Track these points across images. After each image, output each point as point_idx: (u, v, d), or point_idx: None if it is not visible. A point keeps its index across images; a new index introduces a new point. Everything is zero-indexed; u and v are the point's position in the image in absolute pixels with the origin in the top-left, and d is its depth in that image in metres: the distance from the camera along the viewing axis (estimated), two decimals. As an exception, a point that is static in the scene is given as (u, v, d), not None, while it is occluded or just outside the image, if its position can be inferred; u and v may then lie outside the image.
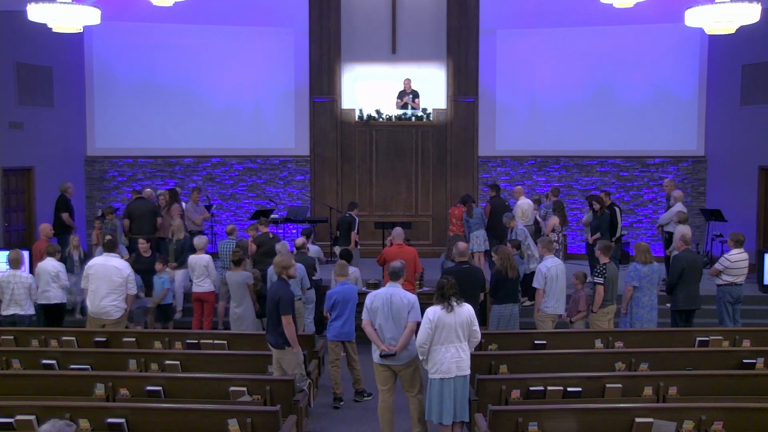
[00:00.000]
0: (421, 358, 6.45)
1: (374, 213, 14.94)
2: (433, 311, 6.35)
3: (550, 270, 8.94)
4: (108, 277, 8.75)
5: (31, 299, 9.24)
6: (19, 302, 9.14)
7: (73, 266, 10.68)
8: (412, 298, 6.76)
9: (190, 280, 10.57)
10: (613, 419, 5.71)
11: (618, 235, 11.54)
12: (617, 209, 11.66)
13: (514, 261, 8.98)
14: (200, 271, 10.04)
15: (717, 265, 9.71)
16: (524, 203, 12.38)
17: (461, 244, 8.62)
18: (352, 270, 9.79)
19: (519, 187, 13.24)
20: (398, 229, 10.08)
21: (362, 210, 15.00)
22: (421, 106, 14.98)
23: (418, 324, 6.51)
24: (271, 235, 11.06)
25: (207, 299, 10.13)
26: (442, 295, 6.38)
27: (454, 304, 6.35)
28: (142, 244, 10.47)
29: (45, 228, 10.79)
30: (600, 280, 8.85)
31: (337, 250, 11.58)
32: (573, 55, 14.68)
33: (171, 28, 14.56)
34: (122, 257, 9.59)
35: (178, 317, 10.66)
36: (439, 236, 14.81)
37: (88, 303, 8.89)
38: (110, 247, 9.07)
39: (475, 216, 11.83)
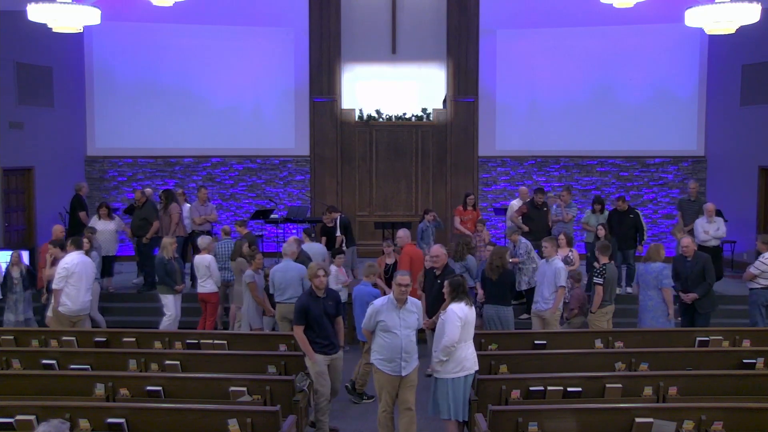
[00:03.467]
0: (444, 359, 6.41)
1: (374, 213, 14.95)
2: (461, 308, 6.43)
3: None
4: (89, 273, 9.13)
5: None
6: None
7: None
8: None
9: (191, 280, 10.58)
10: (613, 419, 5.71)
11: (646, 238, 11.37)
12: (638, 212, 11.56)
13: (501, 262, 8.72)
14: (203, 271, 10.04)
15: (752, 269, 9.38)
16: (513, 203, 12.39)
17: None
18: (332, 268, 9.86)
19: (524, 188, 13.03)
20: (405, 230, 10.16)
21: (362, 210, 15.05)
22: (422, 106, 15.01)
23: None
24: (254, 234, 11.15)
25: (209, 299, 10.11)
26: (464, 292, 6.55)
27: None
28: None
29: (57, 230, 10.66)
30: (599, 280, 8.85)
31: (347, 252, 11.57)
32: (573, 55, 14.69)
33: (171, 28, 14.57)
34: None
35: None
36: (439, 236, 14.79)
37: (67, 302, 8.93)
38: (79, 245, 9.23)
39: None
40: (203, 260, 10.06)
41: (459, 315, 6.38)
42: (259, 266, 9.58)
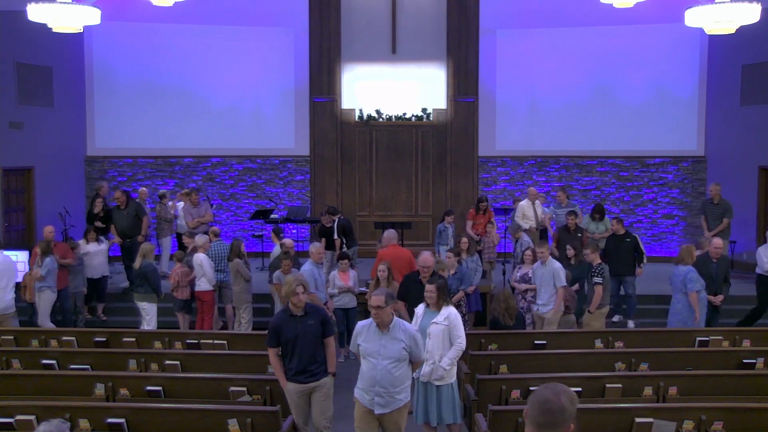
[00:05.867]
0: (455, 366, 6.40)
1: (374, 213, 14.95)
2: (456, 311, 6.48)
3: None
4: (12, 270, 9.10)
5: None
6: None
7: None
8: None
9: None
10: (613, 419, 5.71)
11: (645, 261, 10.71)
12: (636, 236, 10.79)
13: (507, 304, 8.41)
14: (198, 270, 10.06)
15: None
16: (522, 204, 12.32)
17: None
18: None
19: (532, 189, 12.71)
20: (391, 231, 10.01)
21: (362, 210, 15.05)
22: (422, 106, 15.01)
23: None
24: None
25: (203, 298, 10.10)
26: (448, 293, 6.62)
27: None
28: None
29: (47, 230, 10.50)
30: (599, 279, 8.82)
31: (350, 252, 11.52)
32: (573, 55, 14.67)
33: (171, 28, 14.56)
34: None
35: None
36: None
37: None
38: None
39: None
40: (197, 259, 10.08)
41: (460, 317, 6.43)
42: (288, 269, 9.33)
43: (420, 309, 6.58)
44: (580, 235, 10.87)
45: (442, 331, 6.29)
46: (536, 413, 2.93)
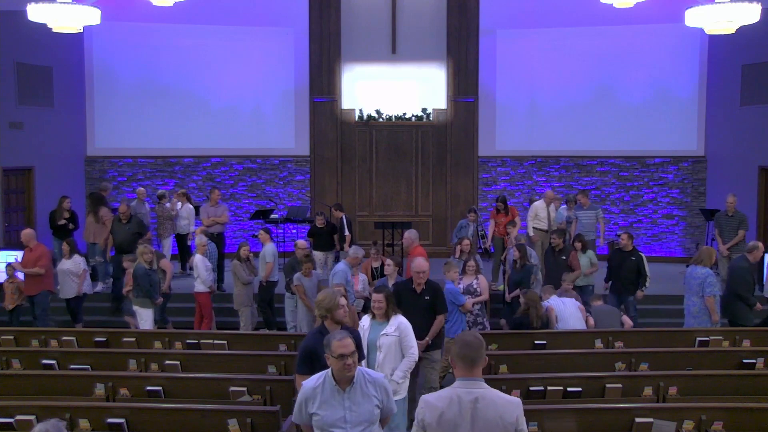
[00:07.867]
0: (407, 379, 6.13)
1: (374, 213, 14.95)
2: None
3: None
4: None
5: None
6: None
7: None
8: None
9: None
10: (613, 419, 5.71)
11: (648, 285, 9.81)
12: (642, 255, 9.90)
13: (540, 309, 8.31)
14: (195, 271, 10.06)
15: None
16: (536, 204, 12.13)
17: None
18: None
19: (550, 191, 12.44)
20: (413, 231, 9.78)
21: (362, 210, 15.05)
22: (422, 106, 15.00)
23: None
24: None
25: (199, 300, 10.09)
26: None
27: None
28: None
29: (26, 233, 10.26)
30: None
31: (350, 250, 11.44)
32: (573, 55, 14.67)
33: (171, 28, 14.55)
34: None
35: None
36: (439, 236, 14.83)
37: None
38: None
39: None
40: (193, 260, 10.09)
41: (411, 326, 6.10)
42: (308, 272, 9.30)
43: (366, 321, 6.13)
44: (564, 257, 9.83)
45: (393, 343, 5.96)
46: (467, 352, 3.77)
